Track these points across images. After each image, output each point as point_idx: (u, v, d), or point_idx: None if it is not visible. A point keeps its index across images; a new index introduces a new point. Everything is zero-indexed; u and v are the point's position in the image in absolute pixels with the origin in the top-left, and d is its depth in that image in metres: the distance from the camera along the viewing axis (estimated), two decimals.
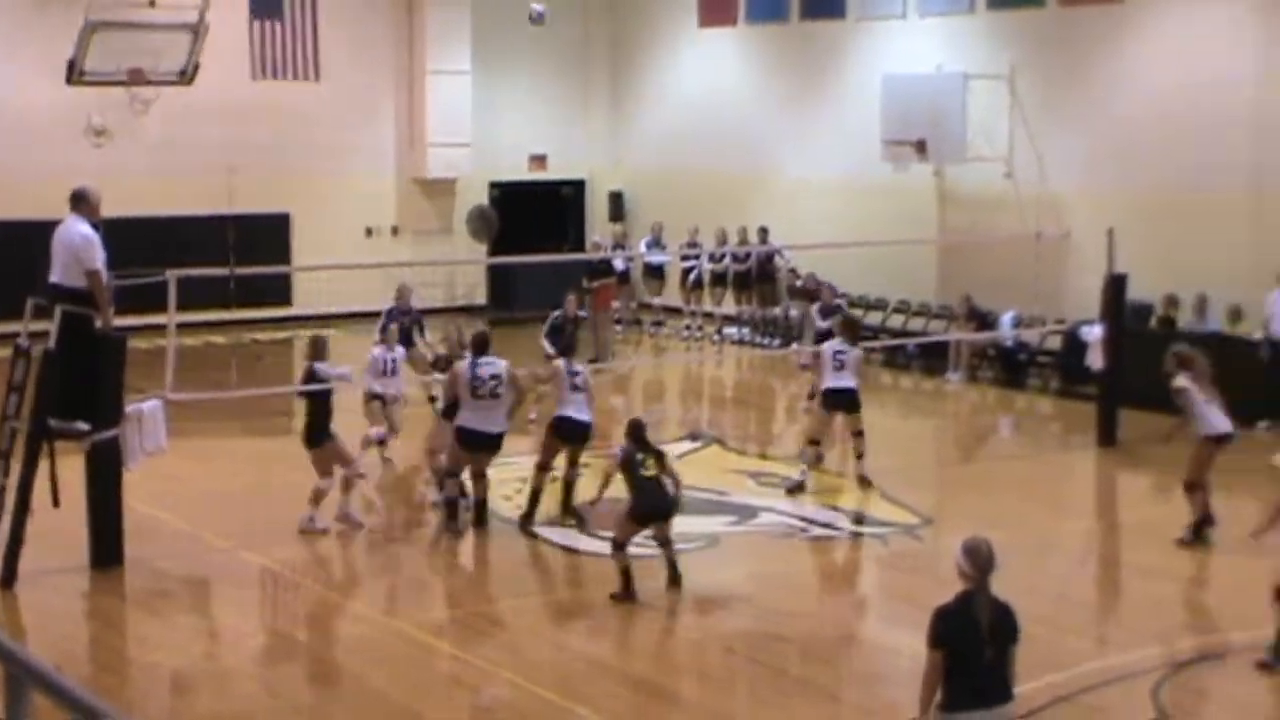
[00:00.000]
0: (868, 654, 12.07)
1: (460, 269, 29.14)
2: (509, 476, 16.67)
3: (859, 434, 16.39)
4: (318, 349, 15.05)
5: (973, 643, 7.59)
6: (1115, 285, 18.73)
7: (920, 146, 23.33)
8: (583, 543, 14.33)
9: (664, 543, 12.48)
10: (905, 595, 13.33)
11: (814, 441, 16.39)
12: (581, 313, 21.00)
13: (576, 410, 14.67)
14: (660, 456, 12.41)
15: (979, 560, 7.70)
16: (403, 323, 18.18)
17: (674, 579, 12.54)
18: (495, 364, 14.29)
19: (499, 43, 29.66)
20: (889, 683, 11.10)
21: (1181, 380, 14.04)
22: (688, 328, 26.73)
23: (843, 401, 16.36)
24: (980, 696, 7.62)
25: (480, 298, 29.25)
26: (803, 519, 15.28)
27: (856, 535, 15.22)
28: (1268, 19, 20.45)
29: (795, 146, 27.05)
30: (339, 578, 14.18)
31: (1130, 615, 13.29)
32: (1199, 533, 14.34)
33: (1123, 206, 21.15)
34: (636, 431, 12.42)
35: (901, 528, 15.20)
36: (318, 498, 14.59)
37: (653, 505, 12.20)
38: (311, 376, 14.81)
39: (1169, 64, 21.58)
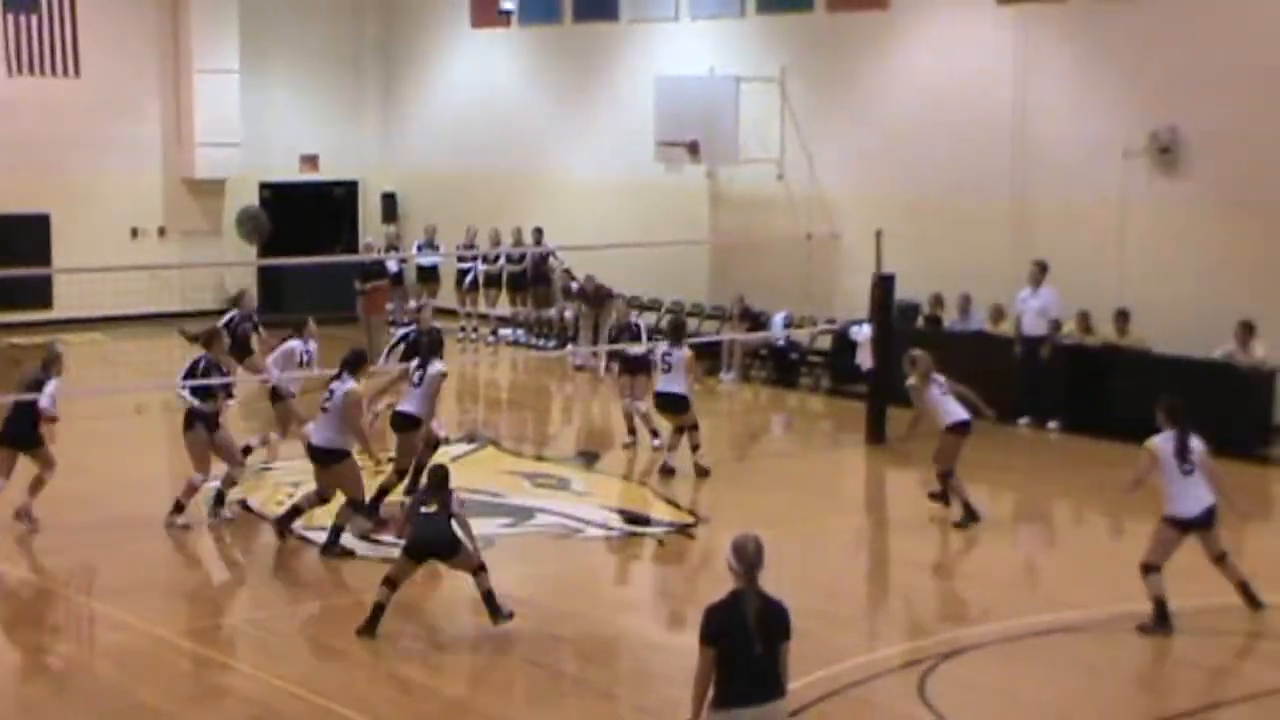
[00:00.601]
0: (643, 653, 12.07)
1: (230, 271, 28.55)
2: (281, 481, 16.46)
3: (694, 428, 17.18)
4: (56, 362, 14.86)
5: (741, 639, 7.62)
6: (883, 285, 19.10)
7: (693, 148, 23.55)
8: (360, 547, 14.17)
9: (474, 574, 11.99)
10: (680, 594, 13.43)
11: (677, 430, 17.34)
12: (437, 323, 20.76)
13: (404, 403, 15.31)
14: (445, 500, 11.98)
15: (746, 557, 7.75)
16: (245, 328, 18.57)
17: (494, 614, 11.93)
18: (340, 384, 13.99)
19: (268, 41, 29.16)
20: (665, 681, 11.10)
21: (913, 379, 15.28)
22: (463, 329, 26.55)
23: (670, 405, 17.22)
24: (751, 692, 7.65)
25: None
26: (578, 519, 15.27)
27: (632, 535, 15.26)
28: (1025, 27, 21.05)
29: (569, 147, 27.08)
30: (100, 586, 13.68)
31: (899, 608, 13.54)
32: (971, 514, 15.14)
33: (890, 208, 21.61)
34: (432, 477, 12.15)
35: (676, 526, 15.29)
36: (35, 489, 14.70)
37: (422, 539, 11.87)
38: (37, 386, 14.57)
39: (933, 69, 22.11)
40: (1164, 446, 11.94)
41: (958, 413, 15.22)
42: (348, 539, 14.19)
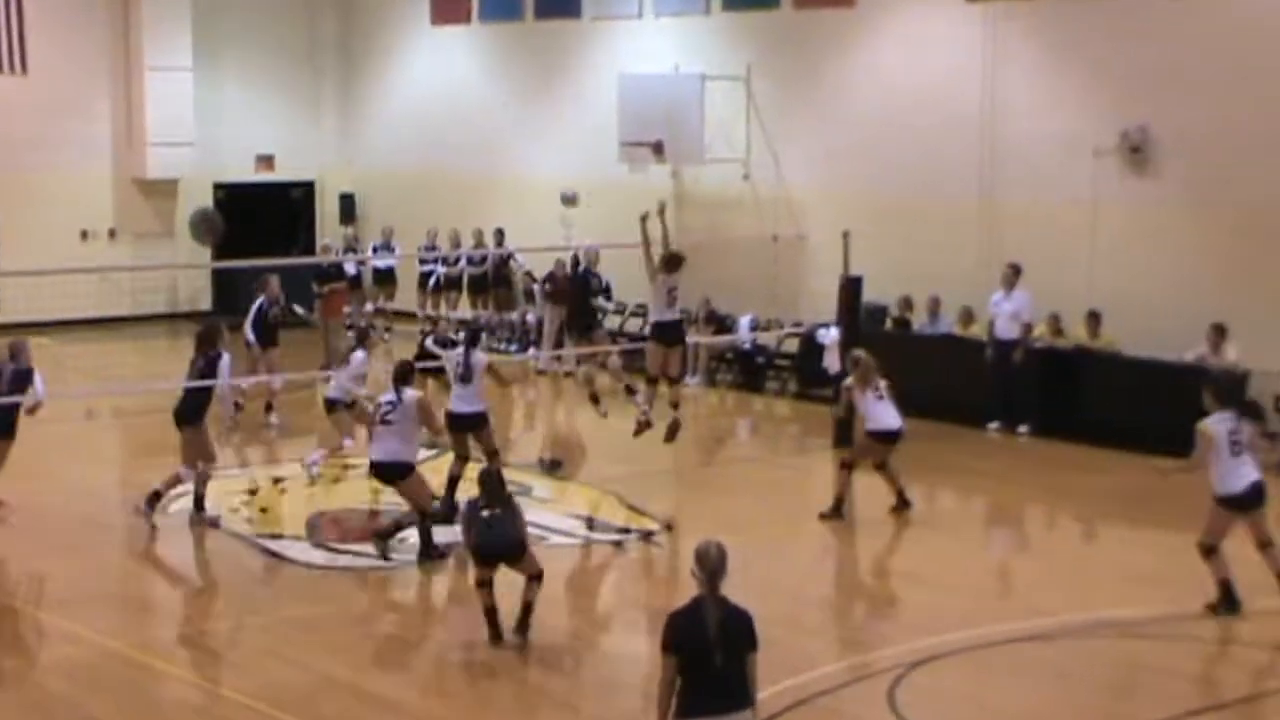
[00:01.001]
0: (606, 663, 11.88)
1: (183, 274, 28.22)
2: (236, 489, 16.16)
3: (677, 380, 16.51)
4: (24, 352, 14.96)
5: (702, 647, 7.43)
6: (851, 287, 18.85)
7: (658, 148, 23.28)
8: (317, 557, 14.00)
9: (529, 580, 11.81)
10: (644, 602, 13.22)
11: (651, 380, 16.19)
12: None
13: (457, 403, 15.08)
14: (507, 502, 11.80)
15: (708, 564, 7.55)
16: (274, 313, 18.42)
17: (521, 625, 11.78)
18: (401, 394, 13.78)
19: (222, 38, 28.80)
20: (627, 691, 10.92)
21: (850, 380, 15.48)
22: (423, 333, 26.17)
23: (670, 334, 16.01)
24: (714, 702, 7.44)
25: (205, 303, 28.35)
26: (541, 527, 14.95)
27: (595, 542, 15.01)
28: (993, 24, 20.86)
29: (532, 147, 26.80)
30: (50, 597, 13.35)
31: (867, 615, 13.38)
32: (837, 509, 15.37)
33: (858, 209, 21.35)
34: (488, 481, 11.91)
35: (641, 533, 15.04)
36: None
37: (488, 544, 11.65)
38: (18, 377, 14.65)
39: (901, 67, 21.90)
40: (1218, 428, 12.13)
41: (884, 421, 15.20)
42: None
